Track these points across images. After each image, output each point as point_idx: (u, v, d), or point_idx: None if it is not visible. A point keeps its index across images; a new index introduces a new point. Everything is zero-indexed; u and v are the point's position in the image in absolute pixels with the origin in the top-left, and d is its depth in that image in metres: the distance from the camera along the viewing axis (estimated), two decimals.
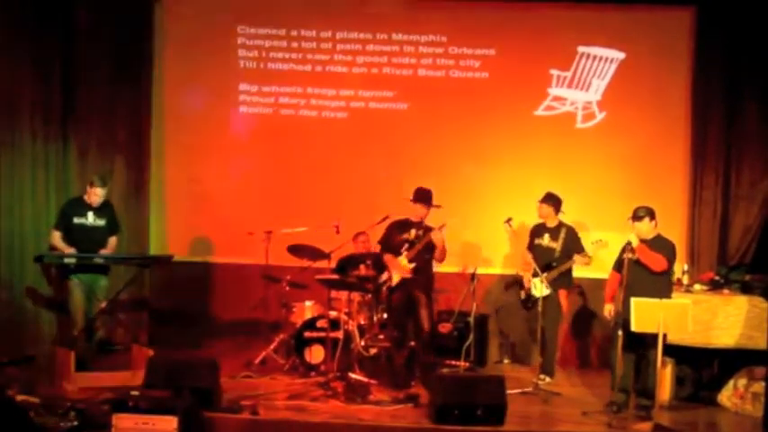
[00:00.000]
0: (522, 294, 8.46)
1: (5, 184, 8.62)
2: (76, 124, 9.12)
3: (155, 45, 9.46)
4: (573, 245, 8.24)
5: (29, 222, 8.68)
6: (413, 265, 8.09)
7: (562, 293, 8.25)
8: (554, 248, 8.24)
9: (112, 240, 7.93)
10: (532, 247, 8.28)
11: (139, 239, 9.30)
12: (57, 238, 7.70)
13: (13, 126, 8.66)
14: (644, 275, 7.14)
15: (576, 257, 8.14)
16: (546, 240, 8.30)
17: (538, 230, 8.40)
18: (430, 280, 8.30)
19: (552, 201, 8.33)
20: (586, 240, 8.22)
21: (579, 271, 8.39)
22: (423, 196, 8.20)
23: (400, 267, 8.10)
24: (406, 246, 8.16)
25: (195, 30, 9.51)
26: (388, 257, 8.22)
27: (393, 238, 8.26)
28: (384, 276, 8.21)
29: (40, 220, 8.65)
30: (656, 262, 7.20)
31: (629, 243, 7.21)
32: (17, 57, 8.64)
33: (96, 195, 7.73)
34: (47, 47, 8.83)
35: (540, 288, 8.17)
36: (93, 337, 7.82)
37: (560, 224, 8.34)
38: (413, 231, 8.19)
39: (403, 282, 8.13)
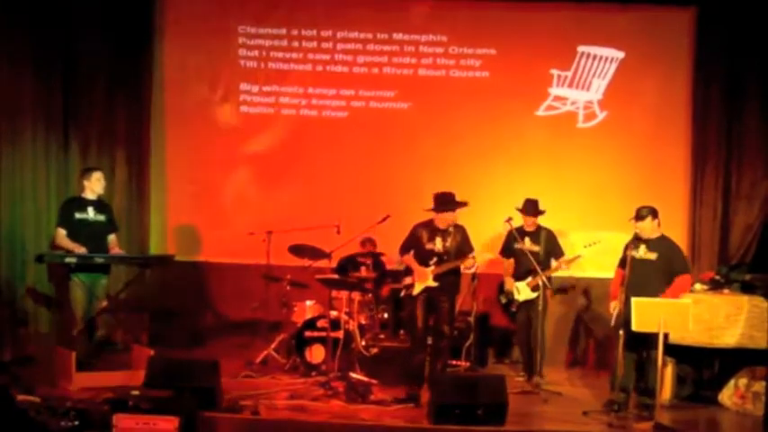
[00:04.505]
0: (503, 299, 8.42)
1: (6, 182, 8.63)
2: (77, 124, 9.15)
3: (155, 44, 9.47)
4: (553, 248, 8.18)
5: (30, 221, 8.69)
6: (436, 283, 7.82)
7: (548, 293, 8.11)
8: (537, 252, 8.08)
9: (113, 239, 7.92)
10: (512, 252, 8.18)
11: (140, 239, 9.32)
12: (62, 236, 7.66)
13: (14, 125, 8.69)
14: (650, 275, 7.13)
15: (555, 263, 8.09)
16: (527, 244, 8.12)
17: (517, 235, 8.15)
18: (455, 286, 8.02)
19: (537, 209, 8.23)
20: (579, 243, 8.14)
21: (581, 271, 8.37)
22: (445, 204, 7.83)
23: (425, 279, 7.83)
24: (435, 260, 7.82)
25: (196, 29, 9.51)
26: (414, 265, 7.89)
27: (421, 244, 7.89)
28: (407, 280, 7.99)
29: (41, 219, 8.66)
30: (686, 287, 7.27)
31: (632, 241, 7.21)
32: (18, 56, 8.66)
33: (96, 179, 7.72)
34: (48, 46, 8.84)
35: (524, 292, 8.14)
36: (94, 336, 7.80)
37: (539, 227, 8.24)
38: (438, 241, 7.85)
39: (425, 289, 7.87)
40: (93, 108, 9.22)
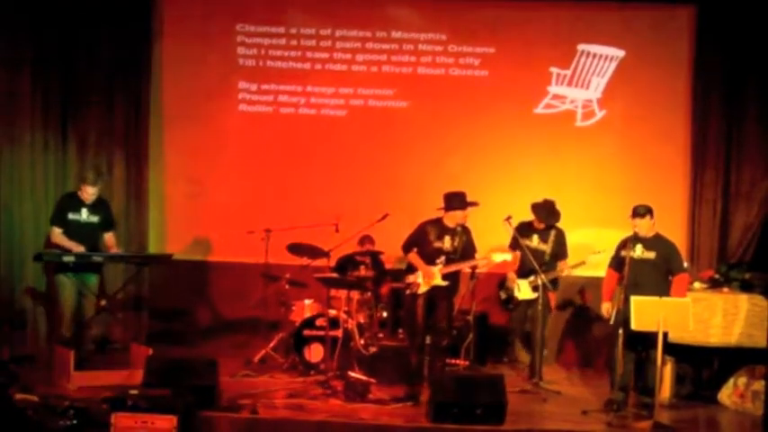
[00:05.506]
0: (503, 295, 8.40)
1: (5, 181, 8.62)
2: (75, 122, 9.13)
3: (154, 43, 9.44)
4: (560, 249, 8.14)
5: (28, 220, 8.68)
6: (446, 282, 7.83)
7: (551, 296, 8.08)
8: (544, 251, 8.09)
9: (110, 237, 7.90)
10: (519, 248, 8.10)
11: (139, 238, 9.29)
12: (58, 234, 7.65)
13: (12, 124, 8.68)
14: (649, 274, 7.13)
15: (560, 264, 8.06)
16: (535, 242, 8.11)
17: (525, 230, 8.15)
18: (455, 287, 8.01)
19: (550, 216, 8.15)
20: (585, 250, 8.09)
21: (579, 269, 8.34)
22: (458, 202, 7.82)
23: (432, 278, 7.78)
24: (443, 259, 7.78)
25: (194, 28, 9.49)
26: (420, 264, 7.83)
27: (427, 242, 7.86)
28: (410, 278, 7.94)
29: (39, 217, 8.64)
30: (686, 285, 7.31)
31: (628, 240, 7.20)
32: (17, 54, 8.65)
33: (88, 193, 7.70)
34: (47, 44, 8.83)
35: (524, 291, 8.11)
36: (87, 335, 7.77)
37: (551, 225, 8.19)
38: (447, 240, 7.82)
39: (430, 290, 7.85)
40: (92, 107, 9.20)
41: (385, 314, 8.54)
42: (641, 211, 7.19)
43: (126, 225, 9.06)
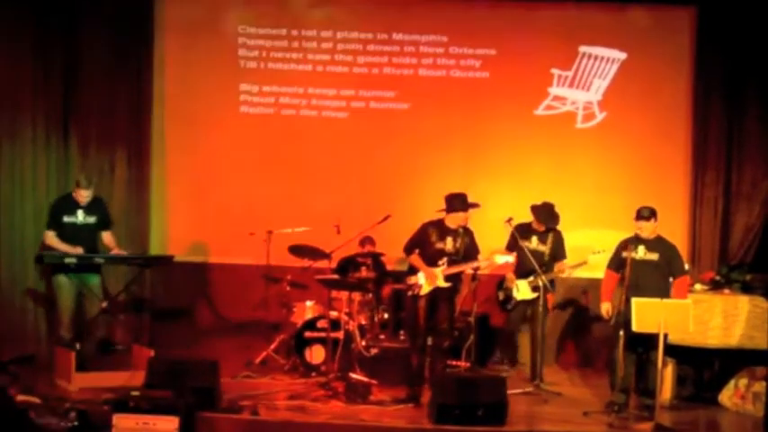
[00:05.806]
0: (501, 295, 8.40)
1: (6, 180, 8.63)
2: (77, 122, 9.14)
3: (155, 44, 9.45)
4: (558, 250, 8.16)
5: (29, 220, 8.69)
6: (449, 284, 7.88)
7: (549, 297, 8.07)
8: (543, 252, 8.09)
9: (108, 236, 7.91)
10: (517, 249, 8.11)
11: (140, 239, 9.29)
12: (52, 237, 7.67)
13: (14, 123, 8.70)
14: (651, 276, 7.13)
15: (557, 266, 8.07)
16: (534, 243, 8.11)
17: (524, 232, 8.15)
18: (457, 288, 8.05)
19: (550, 218, 8.17)
20: (586, 251, 8.06)
21: (580, 270, 8.34)
22: (460, 203, 7.86)
23: (434, 280, 7.82)
24: (445, 261, 7.83)
25: (196, 29, 9.50)
26: (422, 266, 7.87)
27: (429, 244, 7.89)
28: (412, 280, 7.97)
29: (40, 217, 8.63)
30: (687, 288, 7.33)
31: (629, 241, 7.20)
32: (19, 54, 8.68)
33: (82, 196, 7.73)
34: (48, 45, 8.85)
35: (523, 291, 8.12)
36: (88, 336, 7.78)
37: (548, 228, 8.21)
38: (449, 241, 7.86)
39: (432, 291, 7.89)
40: (94, 108, 9.21)
41: (386, 316, 8.54)
42: (645, 214, 7.19)
43: (127, 225, 9.07)
